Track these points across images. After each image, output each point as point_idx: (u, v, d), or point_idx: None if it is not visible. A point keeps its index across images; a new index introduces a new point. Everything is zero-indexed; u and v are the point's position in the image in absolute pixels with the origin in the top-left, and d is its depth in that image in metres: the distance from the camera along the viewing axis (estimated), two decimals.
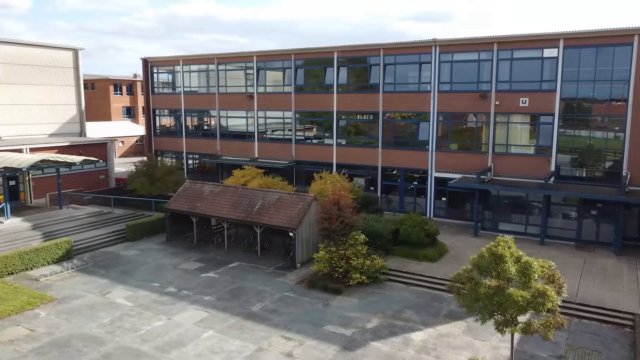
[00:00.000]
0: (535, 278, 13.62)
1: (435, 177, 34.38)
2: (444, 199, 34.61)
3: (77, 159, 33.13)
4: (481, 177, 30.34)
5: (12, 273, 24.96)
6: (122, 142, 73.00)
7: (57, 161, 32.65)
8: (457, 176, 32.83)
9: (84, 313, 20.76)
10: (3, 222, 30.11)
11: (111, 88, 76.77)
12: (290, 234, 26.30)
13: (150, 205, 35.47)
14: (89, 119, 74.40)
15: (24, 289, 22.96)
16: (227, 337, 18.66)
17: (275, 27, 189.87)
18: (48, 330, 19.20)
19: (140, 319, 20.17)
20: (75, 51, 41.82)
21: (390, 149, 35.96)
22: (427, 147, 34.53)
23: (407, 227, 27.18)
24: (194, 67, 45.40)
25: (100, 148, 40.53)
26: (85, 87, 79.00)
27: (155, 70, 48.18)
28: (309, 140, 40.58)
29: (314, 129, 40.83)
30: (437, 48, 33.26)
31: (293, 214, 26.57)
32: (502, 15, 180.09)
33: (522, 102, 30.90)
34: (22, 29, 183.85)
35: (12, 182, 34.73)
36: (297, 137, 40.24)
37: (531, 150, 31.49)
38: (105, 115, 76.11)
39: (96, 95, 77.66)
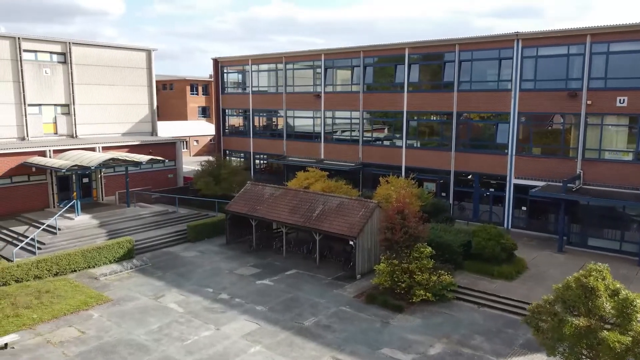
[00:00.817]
0: (638, 319, 10.98)
1: (514, 184, 31.22)
2: (524, 208, 31.35)
3: (144, 158, 33.43)
4: (568, 185, 26.95)
5: (75, 270, 25.29)
6: (197, 141, 74.72)
7: (126, 160, 33.10)
8: (540, 184, 29.53)
9: (135, 317, 20.31)
10: (73, 219, 30.86)
11: (188, 88, 78.87)
12: (350, 242, 24.61)
13: (215, 205, 35.18)
14: (166, 118, 77.39)
15: (83, 288, 23.05)
16: (275, 355, 17.32)
17: (353, 27, 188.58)
18: (97, 334, 18.86)
19: (189, 328, 19.36)
20: (149, 52, 42.65)
21: (465, 152, 33.18)
22: (506, 150, 31.45)
23: (480, 240, 24.51)
24: (262, 67, 44.91)
25: (170, 147, 40.99)
26: (163, 88, 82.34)
27: (225, 70, 48.31)
28: (377, 142, 38.63)
29: (385, 130, 38.81)
30: (520, 42, 30.11)
31: (354, 222, 24.85)
32: (601, 8, 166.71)
33: (620, 102, 27.09)
34: (116, 34, 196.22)
35: (85, 180, 35.80)
36: (364, 138, 38.42)
37: (629, 157, 27.57)
38: (181, 115, 78.37)
39: (174, 96, 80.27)
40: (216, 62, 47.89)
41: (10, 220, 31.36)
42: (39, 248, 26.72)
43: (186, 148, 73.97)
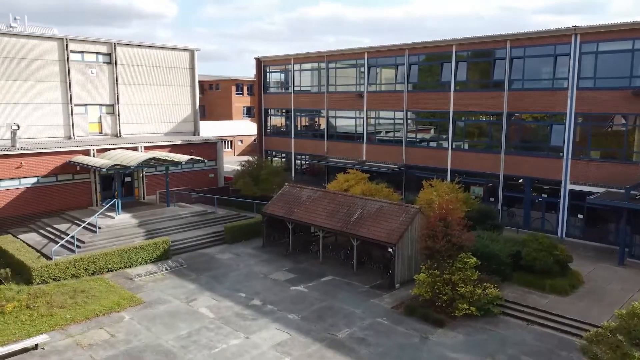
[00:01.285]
0: None
1: (570, 189, 28.98)
2: (580, 215, 29.05)
3: (183, 158, 33.33)
4: (631, 192, 24.63)
5: (111, 270, 25.28)
6: (241, 140, 75.04)
7: (165, 160, 33.10)
8: (599, 190, 27.24)
9: (165, 321, 19.88)
10: (114, 218, 31.07)
11: (233, 88, 79.34)
12: (389, 249, 23.35)
13: (253, 206, 34.69)
14: (212, 118, 78.17)
15: (117, 288, 22.92)
16: None
17: (401, 26, 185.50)
18: (126, 337, 18.52)
19: (218, 335, 18.72)
20: (192, 52, 42.75)
21: (516, 155, 31.17)
22: (561, 154, 29.26)
23: (531, 250, 22.67)
24: (304, 66, 44.17)
25: (211, 147, 40.90)
26: (210, 88, 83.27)
27: (268, 70, 47.92)
28: (422, 143, 37.04)
29: (430, 131, 37.19)
30: (578, 37, 27.90)
31: (393, 227, 23.57)
32: None
33: None
34: (170, 35, 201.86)
35: (127, 179, 36.14)
36: (408, 139, 36.94)
37: None
38: (227, 115, 78.94)
39: (219, 95, 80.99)
40: (259, 61, 47.56)
41: (55, 217, 31.96)
42: (78, 246, 26.92)
43: (230, 147, 74.46)
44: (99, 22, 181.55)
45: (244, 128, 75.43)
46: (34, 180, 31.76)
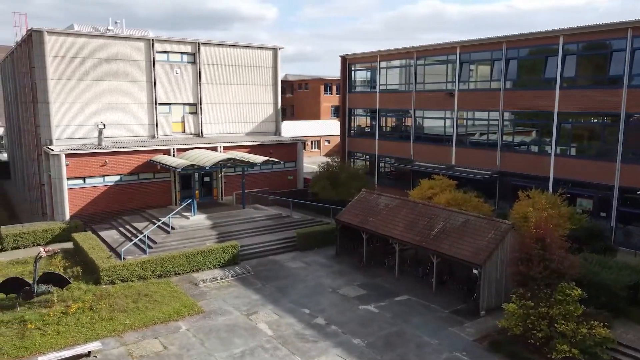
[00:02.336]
0: None
1: None
2: None
3: (259, 159, 32.33)
4: None
5: (178, 273, 24.69)
6: (328, 140, 73.92)
7: (241, 160, 32.31)
8: None
9: (221, 335, 18.58)
10: (189, 218, 30.80)
11: (322, 88, 78.39)
12: (474, 271, 20.30)
13: (330, 211, 32.88)
14: (300, 118, 77.85)
15: (180, 294, 22.12)
16: None
17: (505, 22, 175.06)
18: (179, 351, 17.43)
19: (273, 357, 17.02)
20: (275, 50, 41.88)
21: (636, 164, 26.37)
22: None
23: None
24: (391, 63, 41.53)
25: (290, 148, 39.75)
26: (299, 87, 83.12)
27: (353, 68, 45.87)
28: (520, 147, 32.97)
29: (531, 133, 33.03)
30: None
31: (480, 245, 20.48)
32: None
33: None
34: (269, 37, 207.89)
35: (206, 179, 35.96)
36: (503, 143, 33.05)
37: None
38: (315, 114, 78.20)
39: (308, 95, 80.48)
40: (344, 59, 45.66)
41: (136, 215, 32.40)
42: (149, 246, 26.77)
43: (317, 148, 73.63)
44: (203, 26, 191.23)
45: (331, 128, 74.09)
46: (117, 178, 32.41)
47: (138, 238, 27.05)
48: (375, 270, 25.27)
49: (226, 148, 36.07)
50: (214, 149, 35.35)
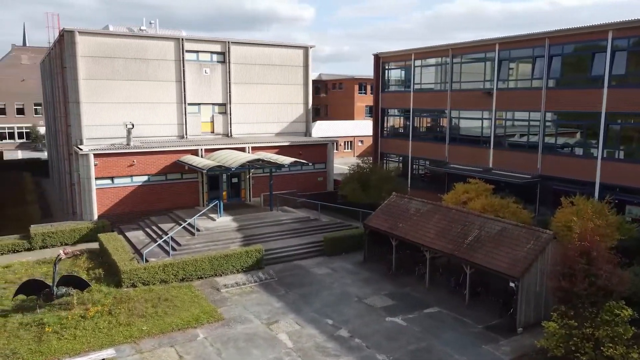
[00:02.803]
0: None
1: None
2: None
3: (286, 160, 31.50)
4: None
5: (201, 277, 24.09)
6: (362, 141, 72.68)
7: (268, 162, 31.56)
8: None
9: (239, 345, 17.77)
10: (215, 220, 30.27)
11: (356, 87, 77.17)
12: (511, 284, 18.79)
13: (359, 215, 31.72)
14: (335, 118, 76.85)
15: (201, 299, 21.47)
16: None
17: (548, 19, 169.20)
18: None
19: None
20: (306, 49, 41.01)
21: None
22: None
23: None
24: (426, 62, 39.98)
25: (321, 149, 38.80)
26: (333, 87, 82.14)
27: (386, 67, 44.48)
28: (563, 149, 30.94)
29: (577, 135, 30.95)
30: None
31: (518, 257, 18.95)
32: None
33: None
34: (306, 37, 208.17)
35: (234, 180, 35.40)
36: (545, 145, 31.08)
37: None
38: (349, 114, 77.08)
39: (342, 95, 79.42)
40: (377, 57, 44.33)
41: (163, 216, 32.14)
42: (173, 248, 26.32)
43: (350, 148, 72.48)
44: (243, 27, 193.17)
45: (365, 128, 72.71)
46: (145, 178, 32.22)
47: (162, 240, 26.66)
48: (404, 279, 23.98)
49: (254, 148, 35.43)
50: (242, 149, 34.75)
